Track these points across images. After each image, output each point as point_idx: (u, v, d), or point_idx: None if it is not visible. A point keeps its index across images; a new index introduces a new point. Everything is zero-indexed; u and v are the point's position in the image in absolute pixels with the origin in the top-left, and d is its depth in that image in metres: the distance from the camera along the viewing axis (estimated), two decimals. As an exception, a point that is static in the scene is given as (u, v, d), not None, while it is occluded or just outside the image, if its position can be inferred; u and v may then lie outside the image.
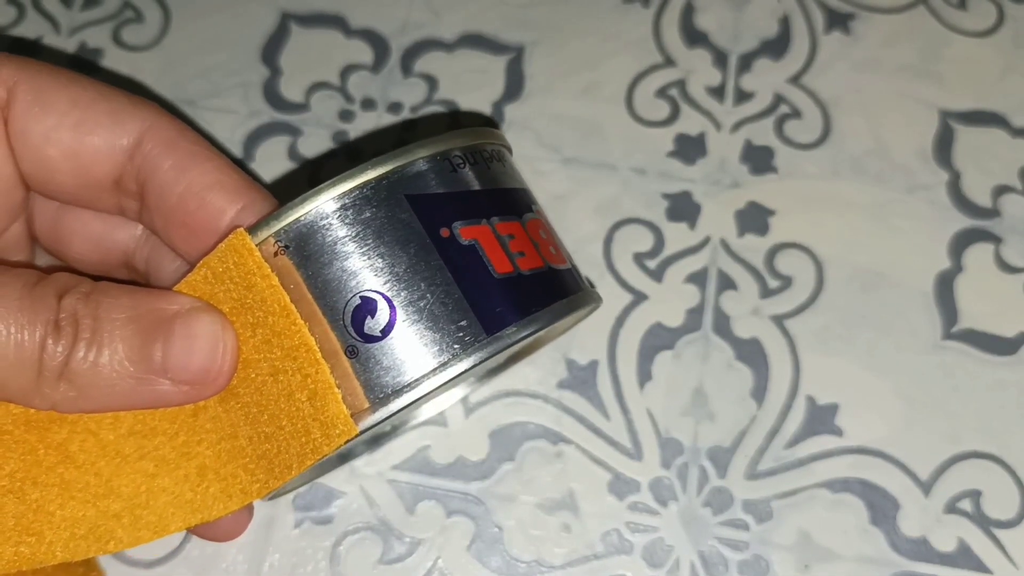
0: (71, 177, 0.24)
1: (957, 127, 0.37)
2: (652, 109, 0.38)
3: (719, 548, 0.31)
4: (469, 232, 0.23)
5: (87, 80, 0.24)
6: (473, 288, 0.22)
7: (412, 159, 0.23)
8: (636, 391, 0.33)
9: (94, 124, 0.24)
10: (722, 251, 0.35)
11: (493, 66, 0.39)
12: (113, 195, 0.25)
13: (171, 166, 0.23)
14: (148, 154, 0.24)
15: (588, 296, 0.25)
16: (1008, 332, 0.34)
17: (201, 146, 0.24)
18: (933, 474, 0.32)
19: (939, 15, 0.39)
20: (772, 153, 0.37)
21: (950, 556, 0.31)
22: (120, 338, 0.22)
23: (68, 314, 0.21)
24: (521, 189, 0.25)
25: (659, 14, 0.40)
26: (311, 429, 0.22)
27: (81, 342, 0.21)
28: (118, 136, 0.24)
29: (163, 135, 0.24)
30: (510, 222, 0.24)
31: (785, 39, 0.39)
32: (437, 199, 0.23)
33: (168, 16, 0.40)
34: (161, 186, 0.24)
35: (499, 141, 0.25)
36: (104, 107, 0.24)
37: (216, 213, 0.23)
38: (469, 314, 0.22)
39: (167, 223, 0.24)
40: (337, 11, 0.40)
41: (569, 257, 0.26)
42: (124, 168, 0.24)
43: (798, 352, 0.34)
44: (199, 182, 0.23)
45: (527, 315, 0.23)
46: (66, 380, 0.21)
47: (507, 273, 0.23)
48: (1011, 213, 0.36)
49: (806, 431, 0.33)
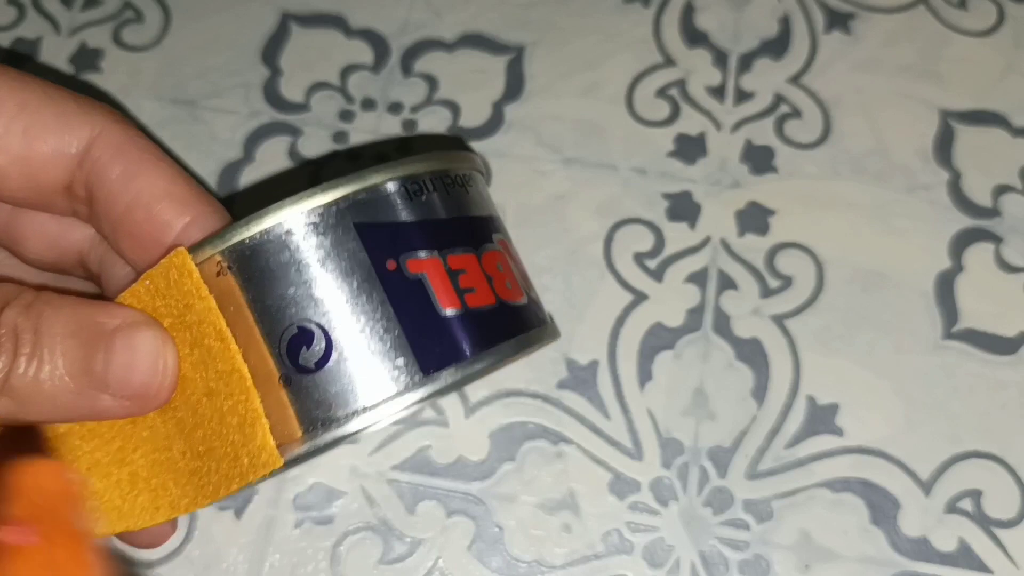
0: (20, 182, 0.23)
1: (957, 127, 0.37)
2: (652, 109, 0.38)
3: (720, 548, 0.31)
4: (417, 265, 0.22)
5: (36, 82, 0.23)
6: (415, 325, 0.21)
7: (366, 184, 0.22)
8: (636, 391, 0.33)
9: (43, 129, 0.23)
10: (722, 251, 0.35)
11: (493, 66, 0.39)
12: (64, 199, 0.24)
13: (119, 174, 0.23)
14: (96, 160, 0.23)
15: (539, 334, 0.24)
16: (1008, 332, 0.34)
17: (151, 153, 0.24)
18: (934, 474, 0.32)
19: (939, 15, 0.39)
20: (772, 153, 0.37)
21: (951, 556, 0.31)
22: (60, 352, 0.21)
23: (8, 329, 0.21)
24: (484, 217, 0.24)
25: (659, 14, 0.40)
26: (240, 455, 0.22)
27: (21, 356, 0.21)
28: (67, 142, 0.23)
29: (113, 141, 0.23)
30: (464, 255, 0.23)
31: (785, 39, 0.39)
32: (388, 229, 0.22)
33: (168, 16, 0.40)
34: (108, 195, 0.23)
35: (470, 165, 0.24)
36: (53, 111, 0.23)
37: (162, 226, 0.23)
38: (408, 353, 0.21)
39: (114, 232, 0.24)
40: (337, 11, 0.40)
41: (528, 290, 0.25)
42: (74, 174, 0.23)
43: (798, 352, 0.34)
44: (147, 193, 0.23)
45: (468, 356, 0.22)
46: (6, 394, 0.21)
47: (453, 310, 0.22)
48: (1011, 213, 0.36)
49: (806, 431, 0.33)
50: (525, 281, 0.25)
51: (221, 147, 0.37)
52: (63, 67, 0.38)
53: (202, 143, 0.37)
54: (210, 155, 0.37)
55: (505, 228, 0.25)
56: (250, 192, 0.36)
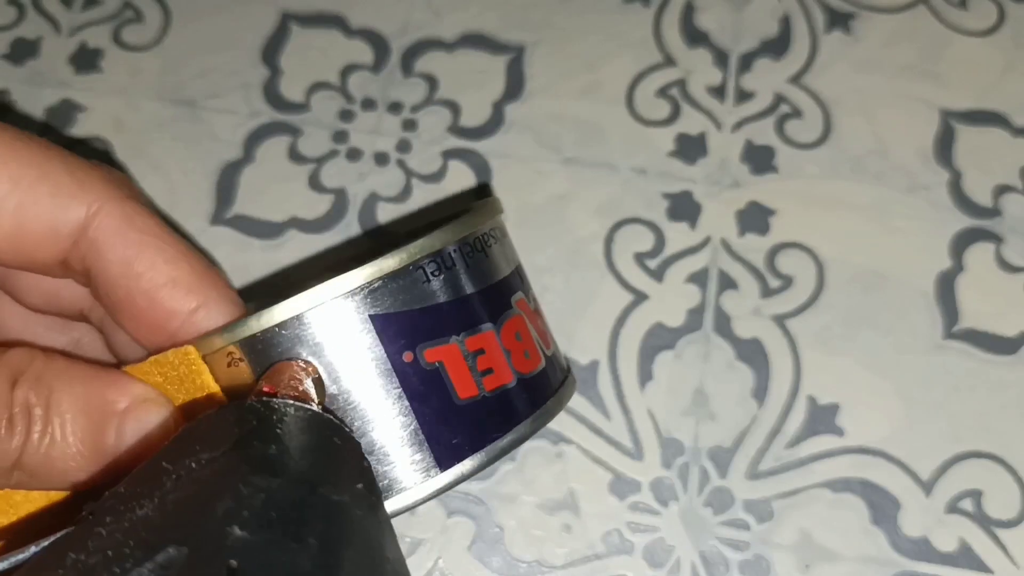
0: (13, 257, 0.23)
1: (958, 127, 0.37)
2: (653, 109, 0.38)
3: (720, 548, 0.31)
4: (435, 354, 0.21)
5: (32, 152, 0.22)
6: (431, 421, 0.21)
7: (381, 274, 0.21)
8: (637, 391, 0.33)
9: (36, 208, 0.22)
10: (723, 251, 0.35)
11: (493, 66, 0.39)
12: (61, 271, 0.23)
13: (119, 260, 0.22)
14: (94, 242, 0.22)
15: (556, 403, 0.24)
16: (1009, 332, 0.34)
17: (152, 235, 0.22)
18: (934, 474, 0.32)
19: (940, 15, 0.39)
20: (773, 153, 0.37)
21: (951, 556, 0.31)
22: (71, 431, 0.21)
23: (21, 407, 0.21)
24: (505, 279, 0.23)
25: (660, 14, 0.39)
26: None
27: (34, 433, 0.21)
28: (61, 223, 0.22)
29: (111, 223, 0.22)
30: (483, 334, 0.22)
31: (786, 39, 0.39)
32: (404, 319, 0.21)
33: (168, 16, 0.40)
34: (107, 278, 0.22)
35: (490, 222, 0.23)
36: (48, 187, 0.22)
37: (167, 314, 0.22)
38: (424, 447, 0.21)
39: (115, 312, 0.23)
40: (337, 11, 0.40)
41: (546, 347, 0.24)
42: (69, 253, 0.22)
43: (799, 352, 0.34)
44: (147, 279, 0.22)
45: (486, 444, 0.22)
46: (19, 469, 0.21)
47: (470, 398, 0.21)
48: (1012, 212, 0.36)
49: (807, 431, 0.32)
50: (544, 338, 0.24)
51: (221, 147, 0.37)
52: (63, 67, 0.38)
53: (202, 143, 0.37)
54: (210, 155, 0.37)
55: (526, 276, 0.25)
56: (249, 189, 0.36)
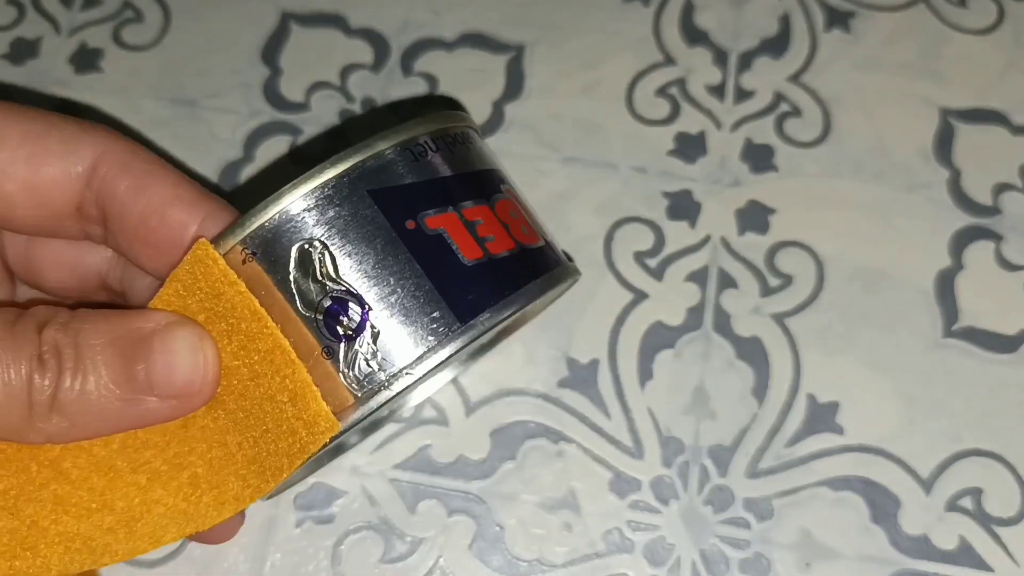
0: (31, 210, 0.24)
1: (957, 125, 0.37)
2: (652, 108, 0.38)
3: (720, 547, 0.31)
4: (435, 221, 0.23)
5: (35, 112, 0.24)
6: (443, 278, 0.22)
7: (373, 152, 0.23)
8: (637, 390, 0.33)
9: (47, 155, 0.24)
10: (723, 250, 0.35)
11: (493, 65, 0.39)
12: (76, 222, 0.25)
13: (128, 187, 0.24)
14: (104, 178, 0.24)
15: (563, 272, 0.25)
16: (1009, 330, 0.34)
17: (155, 164, 0.24)
18: (934, 472, 0.32)
19: (939, 13, 0.39)
20: (772, 151, 0.37)
21: (951, 554, 0.31)
22: (102, 363, 0.22)
23: (50, 346, 0.21)
24: (489, 170, 0.25)
25: (659, 13, 0.40)
26: (296, 429, 0.22)
27: (66, 372, 0.21)
28: (72, 164, 0.24)
29: (117, 158, 0.24)
30: (478, 206, 0.23)
31: (785, 37, 0.39)
32: (401, 191, 0.23)
33: (168, 16, 0.40)
34: (120, 208, 0.24)
35: (464, 123, 0.25)
36: (56, 137, 0.24)
37: (178, 227, 0.24)
38: (441, 304, 0.22)
39: (131, 243, 0.24)
40: (337, 11, 0.40)
41: (543, 233, 0.26)
42: (82, 195, 0.24)
43: (799, 350, 0.34)
44: (157, 199, 0.24)
45: (500, 299, 0.23)
46: (57, 412, 0.22)
47: (477, 259, 0.23)
48: (1011, 211, 0.36)
49: (807, 429, 0.33)
50: (539, 226, 0.26)
51: (221, 147, 0.37)
52: (63, 67, 0.38)
53: (202, 143, 0.37)
54: (210, 155, 0.37)
55: (511, 179, 0.26)
56: (249, 187, 0.36)
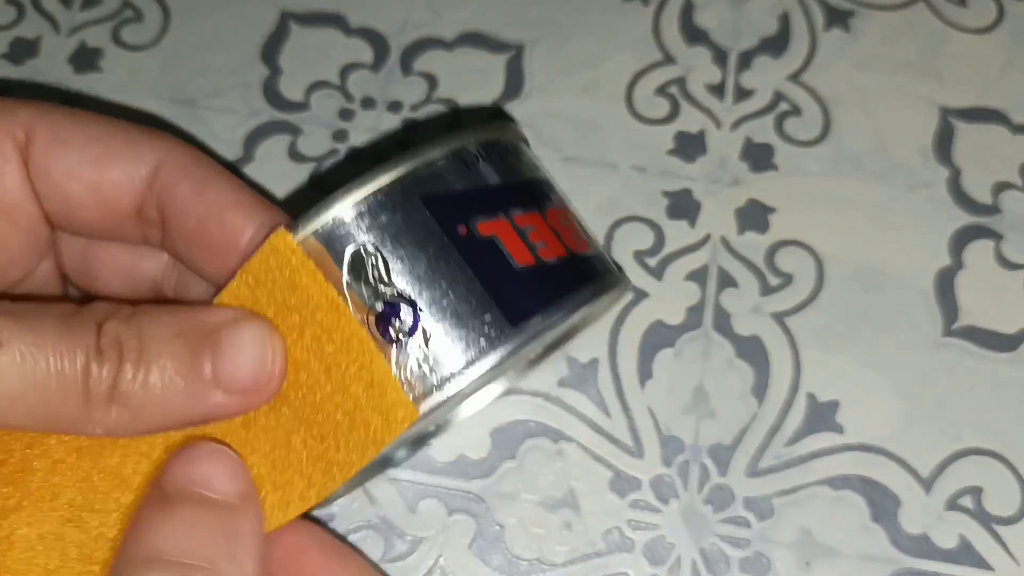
0: (94, 211, 0.25)
1: (957, 124, 0.37)
2: (652, 107, 0.38)
3: (720, 546, 0.31)
4: (487, 227, 0.23)
5: (101, 117, 0.25)
6: (495, 282, 0.22)
7: (425, 160, 0.23)
8: (637, 389, 0.33)
9: (112, 158, 0.24)
10: (722, 249, 0.35)
11: (493, 64, 0.39)
12: (136, 225, 0.25)
13: (188, 190, 0.24)
14: (166, 181, 0.24)
15: (614, 280, 0.25)
16: (1009, 329, 0.34)
17: (216, 170, 0.25)
18: (934, 471, 0.32)
19: (939, 12, 0.39)
20: (772, 151, 0.37)
21: (951, 553, 0.31)
22: (168, 354, 0.22)
23: (110, 338, 0.21)
24: (539, 179, 0.25)
25: (659, 12, 0.40)
26: (370, 420, 0.22)
27: (127, 363, 0.21)
28: (136, 167, 0.24)
29: (179, 163, 0.25)
30: (529, 214, 0.24)
31: (785, 36, 0.39)
32: (453, 198, 0.23)
33: (168, 15, 0.40)
34: (180, 210, 0.24)
35: (514, 134, 0.26)
36: (121, 141, 0.24)
37: (235, 231, 0.24)
38: (493, 308, 0.22)
39: (189, 246, 0.25)
40: (337, 10, 0.40)
41: (595, 243, 0.26)
42: (144, 197, 0.25)
43: (799, 349, 0.34)
44: (216, 203, 0.24)
45: (552, 304, 0.23)
46: (117, 403, 0.21)
47: (528, 264, 0.23)
48: (1011, 210, 0.36)
49: (807, 428, 0.33)
50: (590, 236, 0.26)
51: (221, 146, 0.37)
52: (62, 67, 0.38)
53: (202, 142, 0.37)
54: (210, 154, 0.37)
55: (562, 191, 0.26)
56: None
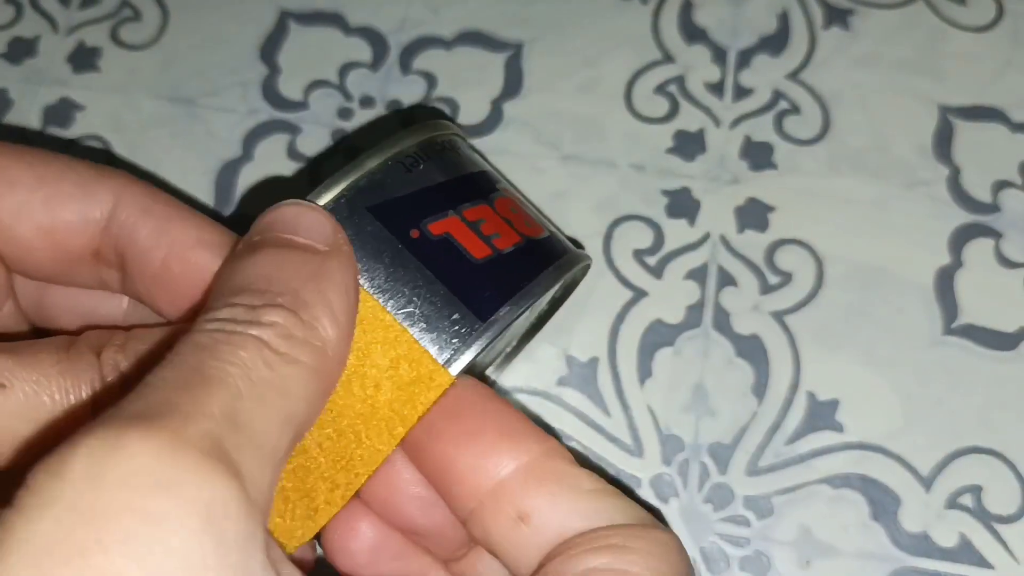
0: (47, 254, 0.24)
1: (956, 122, 0.37)
2: (651, 106, 0.38)
3: (720, 544, 0.31)
4: (439, 227, 0.23)
5: (48, 154, 0.24)
6: (456, 280, 0.22)
7: (366, 171, 0.23)
8: (636, 388, 0.33)
9: (64, 198, 0.23)
10: (722, 247, 0.35)
11: (492, 63, 0.39)
12: (93, 268, 0.24)
13: (149, 232, 0.23)
14: (124, 223, 0.23)
15: (574, 258, 0.25)
16: (1008, 327, 0.34)
17: (176, 207, 0.24)
18: (934, 469, 0.32)
19: (938, 10, 0.39)
20: (771, 149, 0.37)
21: (951, 551, 0.31)
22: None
23: (111, 367, 0.21)
24: (481, 171, 0.25)
25: (658, 10, 0.39)
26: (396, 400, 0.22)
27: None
28: (90, 208, 0.23)
29: (136, 202, 0.23)
30: (478, 207, 0.24)
31: (784, 35, 0.39)
32: (399, 203, 0.23)
33: (166, 14, 0.40)
34: (141, 253, 0.23)
35: (448, 131, 0.25)
36: (72, 180, 0.23)
37: (201, 270, 0.23)
38: (459, 306, 0.22)
39: (151, 288, 0.24)
40: (336, 9, 0.40)
41: (547, 224, 0.26)
42: (100, 240, 0.23)
43: (798, 348, 0.34)
44: (180, 243, 0.23)
45: (516, 292, 0.23)
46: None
47: (487, 256, 0.23)
48: (1011, 208, 0.36)
49: (807, 427, 0.32)
50: (541, 218, 0.26)
51: (220, 145, 0.37)
52: (61, 66, 0.38)
53: (201, 142, 0.37)
54: (209, 153, 0.37)
55: (506, 178, 0.26)
56: (249, 195, 0.36)
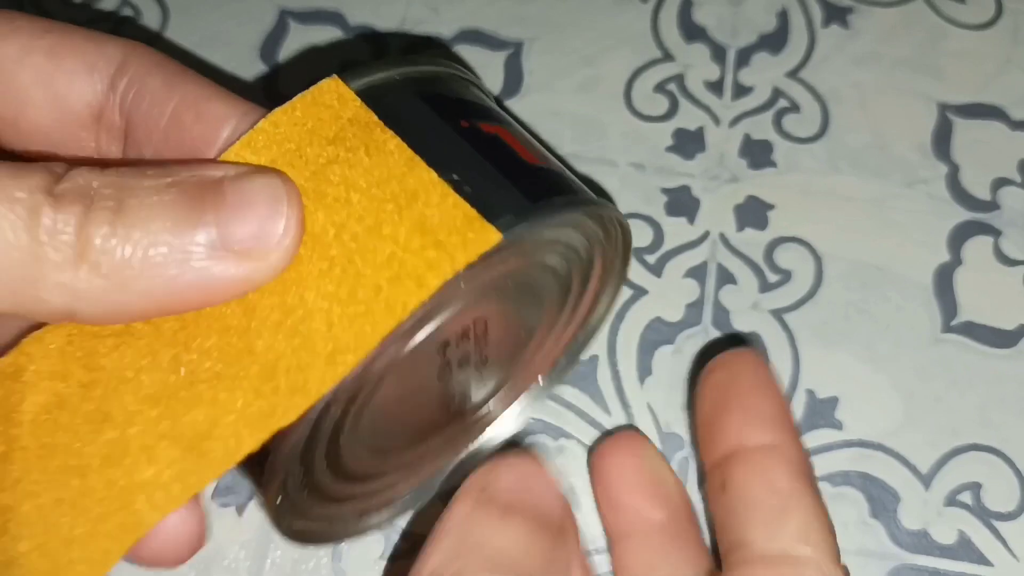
0: (46, 110, 0.21)
1: (956, 120, 0.37)
2: (650, 104, 0.38)
3: (720, 542, 0.31)
4: (488, 127, 0.22)
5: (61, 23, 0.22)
6: (507, 169, 0.21)
7: (418, 66, 0.22)
8: (636, 386, 0.33)
9: (71, 48, 0.21)
10: (721, 246, 0.35)
11: (491, 62, 0.39)
12: (92, 134, 0.22)
13: (160, 84, 0.21)
14: (133, 76, 0.21)
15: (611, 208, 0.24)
16: (1007, 325, 0.34)
17: (184, 68, 0.22)
18: (933, 467, 0.32)
19: (937, 8, 0.39)
20: (771, 147, 0.37)
21: (951, 549, 0.31)
22: (160, 204, 0.18)
23: (75, 184, 0.17)
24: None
25: (657, 9, 0.39)
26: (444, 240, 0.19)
27: (102, 211, 0.17)
28: (97, 59, 0.21)
29: (145, 59, 0.21)
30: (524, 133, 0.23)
31: (783, 33, 0.39)
32: (451, 101, 0.22)
33: (166, 13, 0.40)
34: (151, 106, 0.21)
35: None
36: (80, 35, 0.21)
37: (216, 123, 0.20)
38: (511, 189, 0.21)
39: (159, 148, 0.21)
40: (335, 8, 0.40)
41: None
42: (106, 99, 0.21)
43: (798, 346, 0.34)
44: (193, 93, 0.21)
45: (570, 192, 0.22)
46: (89, 263, 0.17)
47: (536, 163, 0.22)
48: (1010, 206, 0.36)
49: (806, 425, 0.33)
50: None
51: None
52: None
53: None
54: (209, 153, 0.37)
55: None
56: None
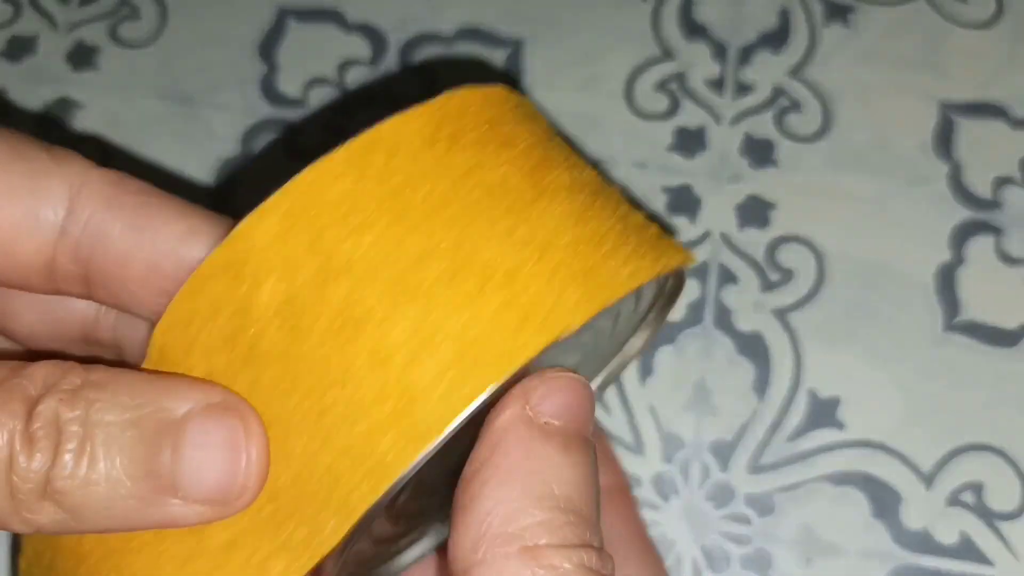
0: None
1: (957, 119, 0.37)
2: (652, 102, 0.38)
3: (721, 542, 0.31)
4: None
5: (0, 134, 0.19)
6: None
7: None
8: (637, 385, 0.33)
9: (9, 193, 0.19)
10: (723, 245, 0.35)
11: (491, 60, 0.38)
12: (44, 279, 0.20)
13: (125, 228, 0.19)
14: (89, 223, 0.19)
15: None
16: (1009, 324, 0.34)
17: (147, 194, 0.20)
18: (935, 467, 0.32)
19: (939, 7, 0.39)
20: (772, 146, 0.37)
21: (952, 548, 0.31)
22: (117, 448, 0.18)
23: (46, 420, 0.17)
24: None
25: (658, 7, 0.39)
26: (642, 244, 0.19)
27: (65, 454, 0.17)
28: (42, 204, 0.19)
29: (99, 194, 0.19)
30: None
31: (785, 32, 0.39)
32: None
33: (165, 12, 0.40)
34: (118, 256, 0.19)
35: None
36: (20, 169, 0.19)
37: (191, 263, 0.19)
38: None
39: (136, 295, 0.20)
40: (335, 6, 0.39)
41: None
42: (55, 247, 0.19)
43: (799, 345, 0.34)
44: (166, 238, 0.19)
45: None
46: (52, 500, 0.18)
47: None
48: (1012, 204, 0.36)
49: (808, 424, 0.32)
50: None
51: (219, 144, 0.37)
52: (60, 64, 0.38)
53: (199, 140, 0.37)
54: (208, 151, 0.37)
55: None
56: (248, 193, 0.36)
